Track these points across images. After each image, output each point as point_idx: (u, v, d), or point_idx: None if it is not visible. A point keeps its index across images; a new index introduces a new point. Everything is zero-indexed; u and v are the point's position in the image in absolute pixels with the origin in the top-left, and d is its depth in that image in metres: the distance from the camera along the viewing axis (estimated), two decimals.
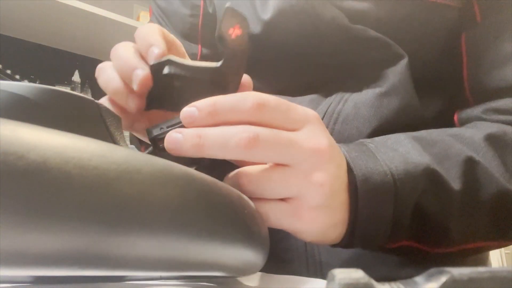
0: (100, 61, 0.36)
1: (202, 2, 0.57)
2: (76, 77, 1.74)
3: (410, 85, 0.43)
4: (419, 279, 0.12)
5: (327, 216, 0.28)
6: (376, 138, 0.36)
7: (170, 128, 0.30)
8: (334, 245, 0.32)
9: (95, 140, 0.14)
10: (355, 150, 0.32)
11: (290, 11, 0.43)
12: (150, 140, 0.31)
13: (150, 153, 0.33)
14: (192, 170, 0.17)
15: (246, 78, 0.34)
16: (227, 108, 0.27)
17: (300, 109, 0.29)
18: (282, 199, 0.28)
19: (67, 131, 0.13)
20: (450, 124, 0.46)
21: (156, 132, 0.30)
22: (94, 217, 0.12)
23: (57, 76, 1.72)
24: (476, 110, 0.43)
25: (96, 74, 0.36)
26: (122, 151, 0.14)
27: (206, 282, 0.28)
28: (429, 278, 0.12)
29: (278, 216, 0.28)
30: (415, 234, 0.33)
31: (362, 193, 0.29)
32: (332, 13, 0.43)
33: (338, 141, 0.33)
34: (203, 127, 0.27)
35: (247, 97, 0.27)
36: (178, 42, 0.38)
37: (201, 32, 0.58)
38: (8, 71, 1.52)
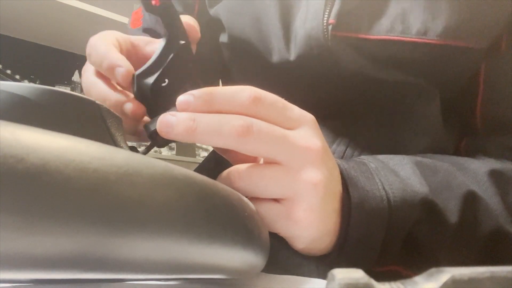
0: None
1: (197, 2, 0.55)
2: (76, 77, 1.74)
3: (440, 126, 0.42)
4: (419, 278, 0.12)
5: (321, 221, 0.28)
6: (379, 157, 0.35)
7: (169, 80, 0.31)
8: (318, 260, 0.32)
9: (95, 142, 0.13)
10: (355, 169, 0.31)
11: (312, 60, 0.41)
12: (148, 135, 0.31)
13: (148, 148, 0.33)
14: (192, 172, 0.17)
15: (188, 21, 0.34)
16: (223, 98, 0.27)
17: (297, 109, 0.29)
18: (275, 200, 0.28)
19: (68, 132, 0.13)
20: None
21: (153, 127, 0.30)
22: (94, 220, 0.12)
23: (57, 76, 1.72)
24: (485, 142, 0.42)
25: (86, 91, 0.36)
26: (122, 153, 0.14)
27: (206, 283, 0.28)
28: (429, 278, 0.12)
29: (273, 218, 0.28)
30: (403, 260, 0.33)
31: (355, 216, 0.29)
32: (356, 63, 0.41)
33: None
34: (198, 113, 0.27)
35: (244, 90, 0.27)
36: (135, 41, 0.38)
37: None
38: (8, 71, 1.52)
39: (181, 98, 0.27)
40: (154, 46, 0.37)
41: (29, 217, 0.11)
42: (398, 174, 0.32)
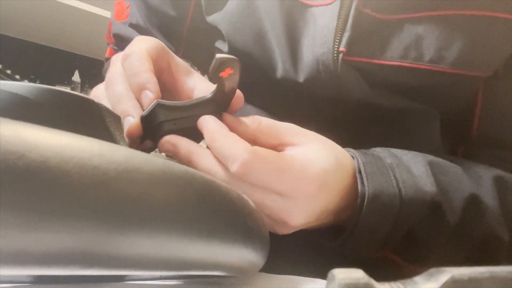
0: (100, 61, 0.36)
1: (192, 8, 0.53)
2: (76, 77, 1.74)
3: (439, 143, 0.43)
4: (419, 278, 0.12)
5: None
6: (393, 151, 0.36)
7: (178, 125, 0.31)
8: (324, 240, 0.34)
9: (95, 139, 0.14)
10: (371, 164, 0.32)
11: (319, 83, 0.41)
12: (155, 126, 0.31)
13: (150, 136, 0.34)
14: (192, 170, 0.17)
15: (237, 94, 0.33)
16: (218, 151, 0.29)
17: (296, 174, 0.29)
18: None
19: (67, 131, 0.13)
20: None
21: (168, 126, 0.31)
22: (94, 217, 0.12)
23: (57, 76, 1.72)
24: (480, 153, 0.43)
25: (106, 79, 0.36)
26: (122, 150, 0.14)
27: (206, 282, 0.28)
28: (429, 278, 0.12)
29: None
30: (398, 250, 0.34)
31: (366, 210, 0.30)
32: (363, 92, 0.41)
33: None
34: (197, 149, 0.30)
35: (234, 159, 0.28)
36: (173, 65, 0.36)
37: (186, 36, 0.55)
38: (8, 71, 1.52)
39: (206, 123, 0.30)
40: (194, 82, 0.36)
41: (29, 213, 0.11)
42: (411, 171, 0.33)
